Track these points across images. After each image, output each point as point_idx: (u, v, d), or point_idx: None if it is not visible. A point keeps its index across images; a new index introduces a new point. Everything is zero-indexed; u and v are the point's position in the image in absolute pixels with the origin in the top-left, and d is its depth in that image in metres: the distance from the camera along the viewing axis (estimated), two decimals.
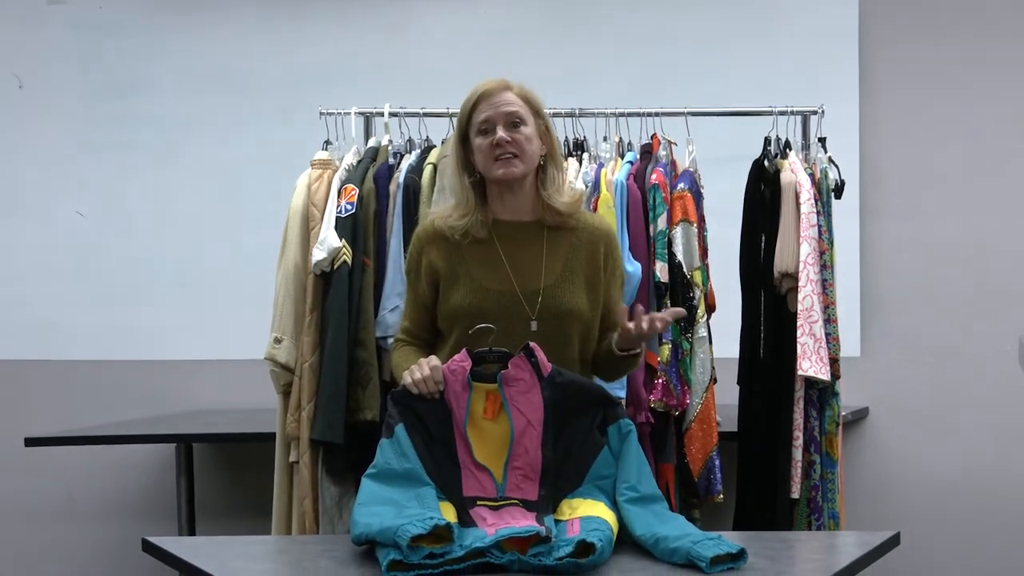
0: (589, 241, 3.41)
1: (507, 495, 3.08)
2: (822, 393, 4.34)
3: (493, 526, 2.93)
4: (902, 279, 5.50)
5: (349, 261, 4.19)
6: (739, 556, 2.79)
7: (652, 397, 4.20)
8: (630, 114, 4.52)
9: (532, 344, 3.16)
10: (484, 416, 3.13)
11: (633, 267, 4.15)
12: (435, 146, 4.45)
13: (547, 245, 3.38)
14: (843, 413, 4.51)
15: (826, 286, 4.32)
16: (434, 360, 3.17)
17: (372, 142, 4.55)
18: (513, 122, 3.31)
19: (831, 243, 4.39)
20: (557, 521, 2.98)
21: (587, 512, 2.99)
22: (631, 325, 3.25)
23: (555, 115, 4.46)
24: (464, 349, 3.17)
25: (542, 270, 3.34)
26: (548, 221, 3.38)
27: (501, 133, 3.29)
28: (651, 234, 4.25)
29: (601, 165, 4.38)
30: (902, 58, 5.51)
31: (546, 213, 3.38)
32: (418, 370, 3.15)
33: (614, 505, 3.05)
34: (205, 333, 5.66)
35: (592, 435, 3.12)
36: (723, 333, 4.49)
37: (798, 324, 4.23)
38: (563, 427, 3.12)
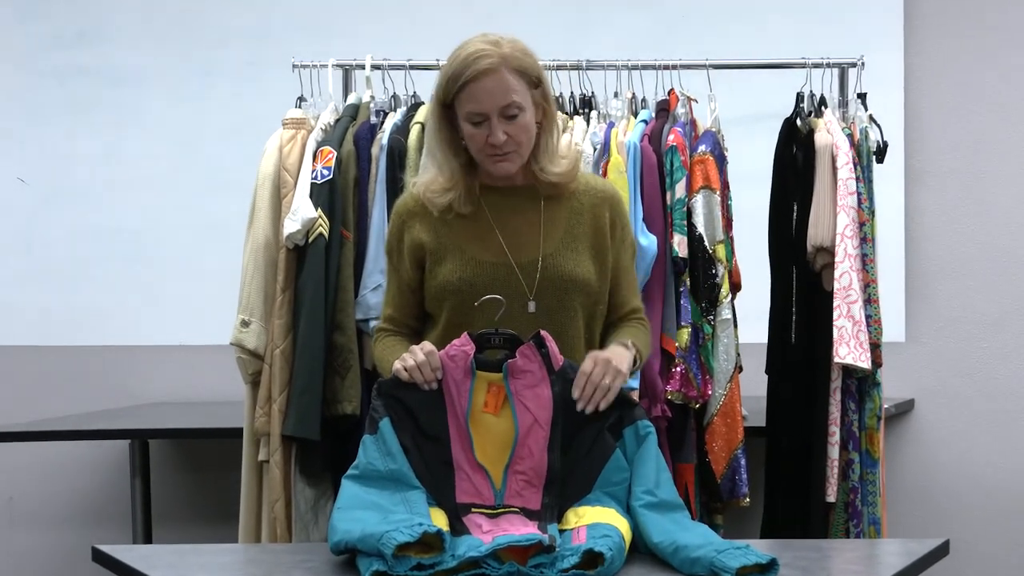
0: (592, 204, 3.40)
1: (506, 503, 3.08)
2: (861, 383, 4.34)
3: (490, 533, 2.94)
4: (952, 254, 5.50)
5: (326, 233, 4.19)
6: (769, 567, 2.79)
7: (669, 388, 4.20)
8: (644, 66, 4.52)
9: (544, 333, 3.16)
10: (484, 409, 3.13)
11: (648, 240, 4.15)
12: (423, 103, 4.44)
13: (544, 211, 3.37)
14: (885, 406, 4.52)
15: (866, 262, 4.32)
16: (428, 345, 3.17)
17: (352, 98, 4.55)
18: (511, 115, 3.26)
19: (872, 213, 4.39)
20: (562, 531, 2.98)
21: (595, 519, 2.99)
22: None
23: (559, 68, 4.47)
24: (465, 332, 3.17)
25: (540, 238, 3.34)
26: (543, 190, 3.38)
27: (498, 134, 3.24)
28: (668, 203, 4.25)
29: (611, 125, 4.37)
30: (954, 1, 5.50)
31: (539, 182, 3.37)
32: (411, 357, 3.14)
33: (627, 512, 3.05)
34: (163, 315, 5.67)
35: (603, 437, 3.12)
36: (750, 315, 4.50)
37: (834, 305, 4.23)
38: (574, 429, 3.12)
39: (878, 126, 4.46)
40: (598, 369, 3.15)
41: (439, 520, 2.95)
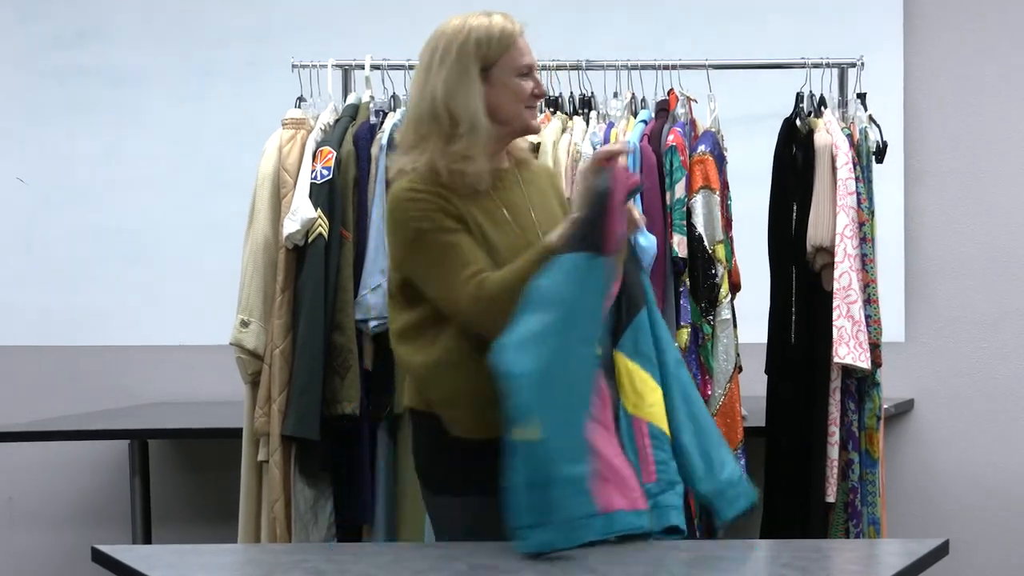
0: (548, 179, 3.52)
1: None
2: (861, 383, 4.34)
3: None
4: (952, 254, 5.50)
5: (325, 233, 4.19)
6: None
7: None
8: (644, 66, 4.52)
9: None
10: None
11: (647, 241, 4.13)
12: None
13: (526, 191, 3.37)
14: (885, 406, 4.52)
15: (866, 262, 4.32)
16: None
17: (352, 98, 4.55)
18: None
19: (871, 213, 4.39)
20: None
21: (652, 410, 3.16)
22: None
23: (559, 68, 4.47)
24: None
25: (533, 220, 3.33)
26: (518, 170, 3.41)
27: (542, 83, 3.37)
28: (668, 203, 4.25)
29: (611, 125, 4.37)
30: (953, 1, 5.50)
31: (512, 159, 3.41)
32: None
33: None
34: (163, 315, 5.66)
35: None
36: (749, 315, 4.49)
37: (834, 305, 4.23)
38: None
39: (877, 126, 4.46)
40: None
41: None
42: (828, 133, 4.34)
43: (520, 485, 2.88)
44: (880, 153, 4.47)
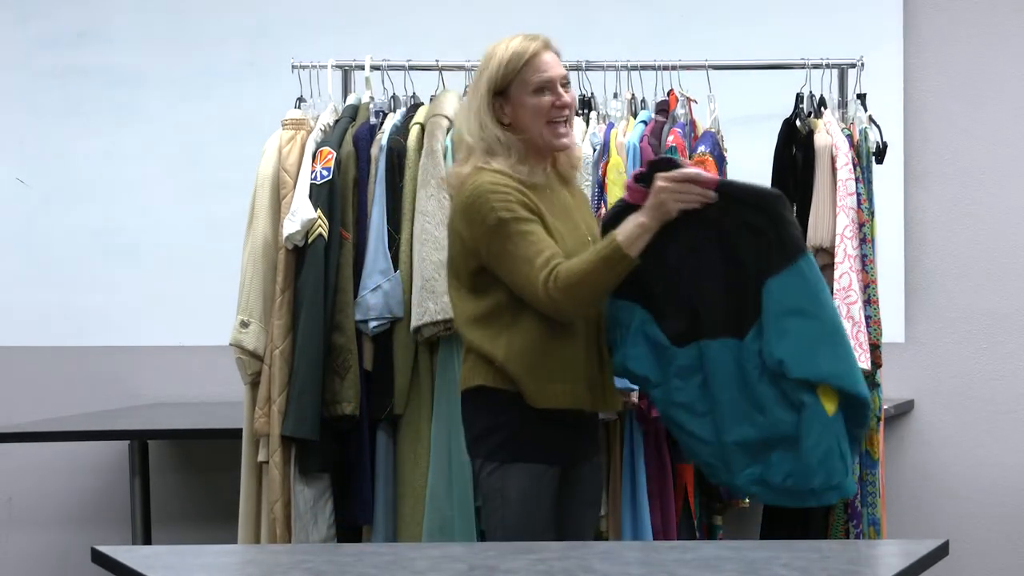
0: (586, 203, 3.85)
1: None
2: None
3: None
4: (952, 254, 5.50)
5: (325, 234, 4.19)
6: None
7: None
8: (644, 67, 4.52)
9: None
10: None
11: None
12: (423, 104, 4.45)
13: (574, 200, 3.72)
14: (885, 406, 4.52)
15: (866, 262, 4.32)
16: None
17: (351, 99, 4.55)
18: (565, 83, 3.61)
19: (871, 214, 4.39)
20: None
21: None
22: None
23: None
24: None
25: (584, 217, 3.71)
26: (561, 178, 3.71)
27: (565, 96, 3.58)
28: None
29: (611, 125, 4.38)
30: (953, 2, 5.50)
31: (558, 165, 3.71)
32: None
33: None
34: (163, 316, 5.66)
35: None
36: None
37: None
38: None
39: (877, 127, 4.47)
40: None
41: None
42: (828, 134, 4.34)
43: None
44: (880, 154, 4.47)
